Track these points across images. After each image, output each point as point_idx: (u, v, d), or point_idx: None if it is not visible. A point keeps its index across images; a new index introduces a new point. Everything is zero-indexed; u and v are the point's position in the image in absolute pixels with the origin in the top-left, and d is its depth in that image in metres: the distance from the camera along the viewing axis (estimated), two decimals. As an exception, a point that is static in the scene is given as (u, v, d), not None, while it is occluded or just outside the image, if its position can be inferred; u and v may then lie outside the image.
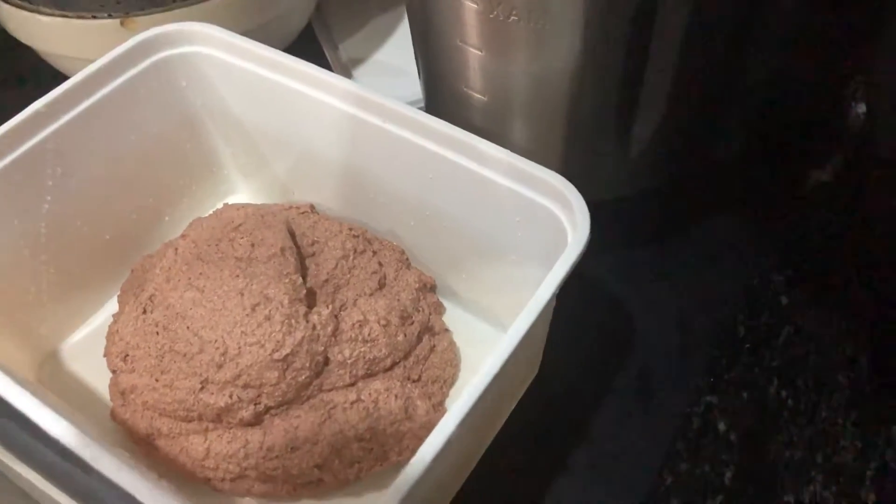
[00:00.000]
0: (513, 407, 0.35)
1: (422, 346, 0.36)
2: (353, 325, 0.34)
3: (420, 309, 0.37)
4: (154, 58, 0.38)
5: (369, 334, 0.34)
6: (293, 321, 0.33)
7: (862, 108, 0.47)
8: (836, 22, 0.49)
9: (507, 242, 0.34)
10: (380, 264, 0.38)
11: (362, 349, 0.34)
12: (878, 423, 0.35)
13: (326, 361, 0.34)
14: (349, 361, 0.33)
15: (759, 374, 0.37)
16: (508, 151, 0.31)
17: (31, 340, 0.38)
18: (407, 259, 0.40)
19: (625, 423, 0.36)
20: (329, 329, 0.34)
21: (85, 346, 0.39)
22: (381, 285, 0.37)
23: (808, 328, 0.39)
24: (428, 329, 0.37)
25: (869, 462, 0.34)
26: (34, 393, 0.25)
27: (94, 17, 0.43)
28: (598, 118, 0.34)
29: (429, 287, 0.39)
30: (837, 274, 0.41)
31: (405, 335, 0.35)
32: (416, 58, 0.39)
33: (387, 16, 0.56)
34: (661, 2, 0.29)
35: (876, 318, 0.39)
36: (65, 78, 0.36)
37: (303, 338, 0.33)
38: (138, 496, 0.24)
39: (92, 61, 0.36)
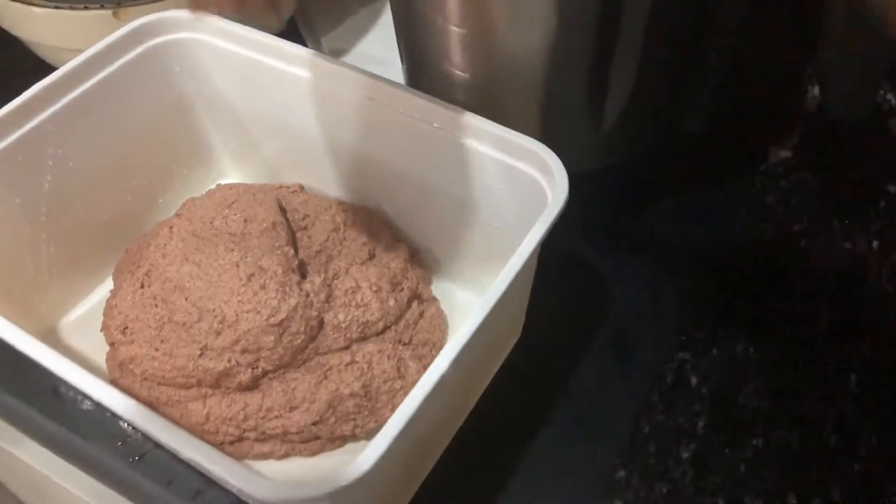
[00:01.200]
0: (498, 366, 0.37)
1: (411, 312, 0.38)
2: (346, 291, 0.36)
3: (408, 277, 0.39)
4: (148, 44, 0.39)
5: (362, 299, 0.36)
6: (287, 289, 0.35)
7: (816, 91, 0.50)
8: (792, 10, 0.52)
9: (490, 210, 0.36)
10: (369, 236, 0.40)
11: (356, 313, 0.36)
12: (838, 372, 0.38)
13: (322, 326, 0.35)
14: (343, 325, 0.35)
15: (727, 332, 0.40)
16: (490, 121, 0.33)
17: (31, 317, 0.39)
18: (394, 232, 0.41)
19: (604, 380, 0.38)
20: (322, 296, 0.35)
21: (82, 322, 0.40)
22: (371, 255, 0.39)
23: (772, 291, 0.41)
24: (417, 296, 0.39)
25: (829, 409, 0.37)
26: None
27: (87, 8, 0.44)
28: (572, 92, 0.36)
29: (416, 258, 0.41)
30: (797, 245, 0.43)
31: (395, 300, 0.37)
32: (399, 41, 0.41)
33: (368, 8, 0.59)
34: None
35: (834, 271, 0.41)
36: (53, 69, 0.37)
37: (297, 304, 0.34)
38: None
39: (82, 52, 0.37)
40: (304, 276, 0.36)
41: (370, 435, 0.35)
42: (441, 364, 0.26)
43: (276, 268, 0.35)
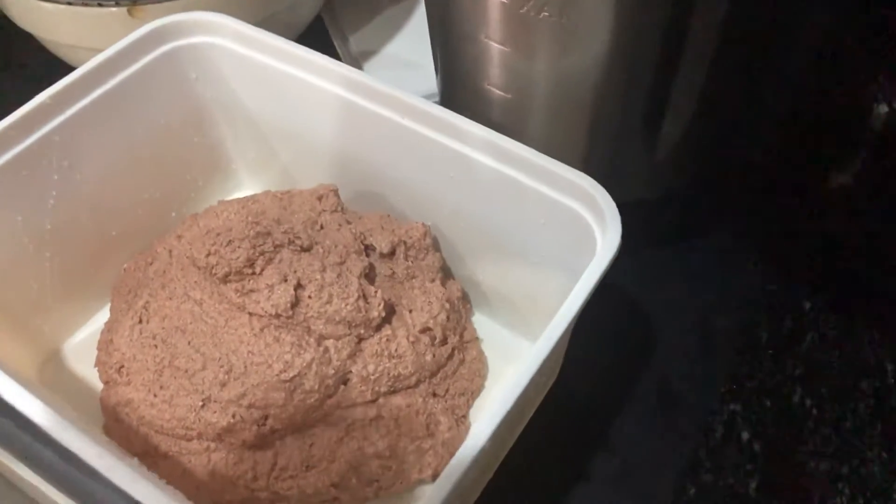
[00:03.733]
0: (532, 413, 0.34)
1: (451, 363, 0.34)
2: (381, 338, 0.33)
3: (455, 327, 0.35)
4: (164, 48, 0.37)
5: (396, 350, 0.32)
6: (303, 342, 0.32)
7: (884, 109, 0.46)
8: (861, 28, 0.48)
9: (529, 243, 0.33)
10: (413, 274, 0.35)
11: (387, 365, 0.32)
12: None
13: (347, 380, 0.32)
14: (372, 377, 0.32)
15: (782, 381, 0.36)
16: (533, 150, 0.30)
17: (34, 339, 0.37)
18: (446, 267, 0.37)
19: (646, 431, 0.35)
20: (344, 353, 0.32)
21: (88, 345, 0.38)
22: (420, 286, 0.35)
23: (831, 335, 0.38)
24: (461, 345, 0.35)
25: (896, 473, 0.33)
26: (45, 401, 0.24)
27: (101, 5, 0.41)
28: (623, 118, 0.33)
29: (465, 294, 0.38)
30: (860, 279, 0.40)
31: (434, 355, 0.33)
32: (434, 51, 0.38)
33: (398, 7, 0.55)
34: (694, 2, 0.28)
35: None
36: (68, 67, 0.34)
37: (312, 359, 0.31)
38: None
39: (98, 51, 0.35)
40: None
41: (392, 497, 0.32)
42: (473, 448, 0.23)
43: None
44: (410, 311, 0.34)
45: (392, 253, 0.35)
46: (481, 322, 0.38)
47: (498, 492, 0.32)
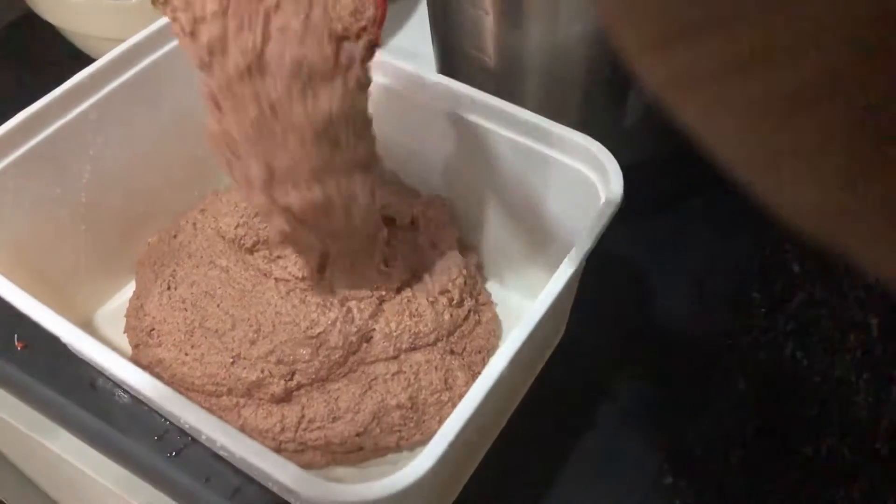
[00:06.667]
0: (541, 366, 0.37)
1: (468, 323, 0.36)
2: (402, 299, 0.35)
3: (471, 292, 0.37)
4: (188, 33, 0.39)
5: (417, 309, 0.35)
6: (328, 303, 0.34)
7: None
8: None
9: (539, 209, 0.35)
10: (433, 244, 0.38)
11: (408, 323, 0.34)
12: (890, 381, 0.37)
13: (370, 337, 0.34)
14: (395, 334, 0.34)
15: (774, 336, 0.39)
16: (540, 116, 0.32)
17: (68, 308, 0.38)
18: (461, 237, 0.39)
19: (646, 382, 0.37)
20: (367, 313, 0.34)
21: (118, 314, 0.40)
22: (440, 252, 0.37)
23: (819, 294, 0.40)
24: (476, 307, 0.37)
25: (881, 417, 0.36)
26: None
27: (125, -3, 0.44)
28: (617, 82, 0.35)
29: (479, 261, 0.40)
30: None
31: (451, 315, 0.35)
32: (431, 24, 0.40)
33: (403, 1, 0.58)
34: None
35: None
36: (90, 61, 0.37)
37: (336, 318, 0.33)
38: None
39: (121, 41, 0.37)
40: None
41: (414, 447, 0.34)
42: (488, 378, 0.26)
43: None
44: (431, 276, 0.36)
45: (412, 224, 0.37)
46: (494, 289, 0.40)
47: (511, 436, 0.35)
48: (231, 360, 0.34)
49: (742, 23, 0.12)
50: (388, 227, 0.37)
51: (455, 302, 0.36)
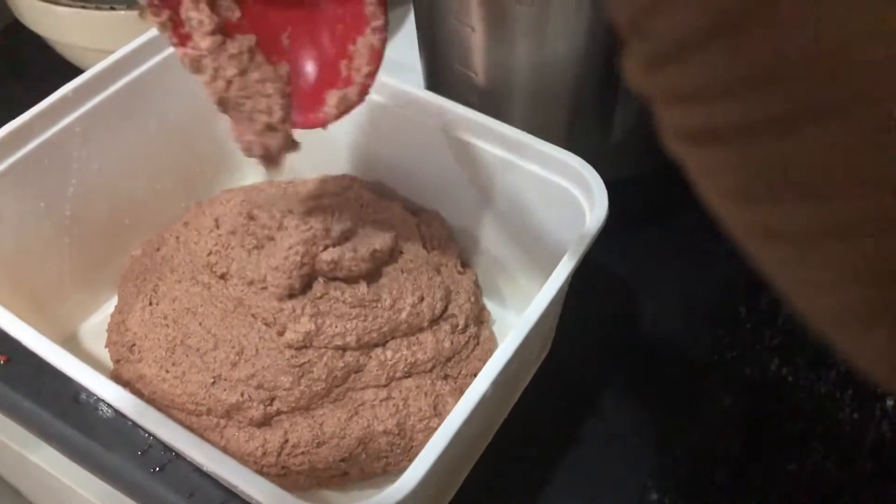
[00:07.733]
0: (528, 380, 0.37)
1: (466, 348, 0.35)
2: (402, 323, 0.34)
3: (476, 318, 0.36)
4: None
5: (417, 337, 0.34)
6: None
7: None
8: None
9: (525, 223, 0.35)
10: (437, 270, 0.37)
11: (405, 353, 0.33)
12: (874, 398, 0.37)
13: (363, 365, 0.33)
14: (390, 363, 0.33)
15: (760, 351, 0.39)
16: (526, 133, 0.32)
17: (51, 322, 0.38)
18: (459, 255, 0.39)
19: (632, 399, 0.37)
20: (359, 352, 0.33)
21: (103, 328, 0.39)
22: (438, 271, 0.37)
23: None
24: (476, 332, 0.36)
25: (866, 433, 0.36)
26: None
27: (113, 9, 0.43)
28: (603, 99, 0.35)
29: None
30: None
31: (452, 343, 0.35)
32: (419, 40, 0.40)
33: (392, 13, 0.58)
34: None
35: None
36: (77, 72, 0.37)
37: (324, 352, 0.33)
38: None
39: (108, 53, 0.37)
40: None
41: (402, 473, 0.34)
42: (471, 400, 0.26)
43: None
44: (433, 299, 0.35)
45: (423, 246, 0.37)
46: (489, 305, 0.40)
47: (496, 452, 0.35)
48: (212, 380, 0.33)
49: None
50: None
51: (459, 328, 0.35)
